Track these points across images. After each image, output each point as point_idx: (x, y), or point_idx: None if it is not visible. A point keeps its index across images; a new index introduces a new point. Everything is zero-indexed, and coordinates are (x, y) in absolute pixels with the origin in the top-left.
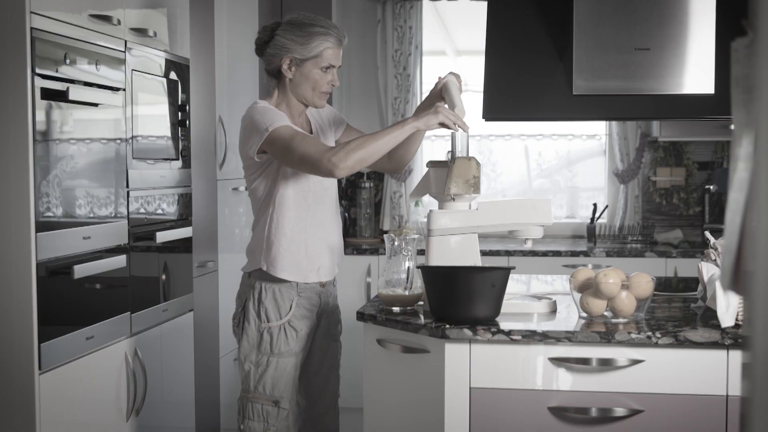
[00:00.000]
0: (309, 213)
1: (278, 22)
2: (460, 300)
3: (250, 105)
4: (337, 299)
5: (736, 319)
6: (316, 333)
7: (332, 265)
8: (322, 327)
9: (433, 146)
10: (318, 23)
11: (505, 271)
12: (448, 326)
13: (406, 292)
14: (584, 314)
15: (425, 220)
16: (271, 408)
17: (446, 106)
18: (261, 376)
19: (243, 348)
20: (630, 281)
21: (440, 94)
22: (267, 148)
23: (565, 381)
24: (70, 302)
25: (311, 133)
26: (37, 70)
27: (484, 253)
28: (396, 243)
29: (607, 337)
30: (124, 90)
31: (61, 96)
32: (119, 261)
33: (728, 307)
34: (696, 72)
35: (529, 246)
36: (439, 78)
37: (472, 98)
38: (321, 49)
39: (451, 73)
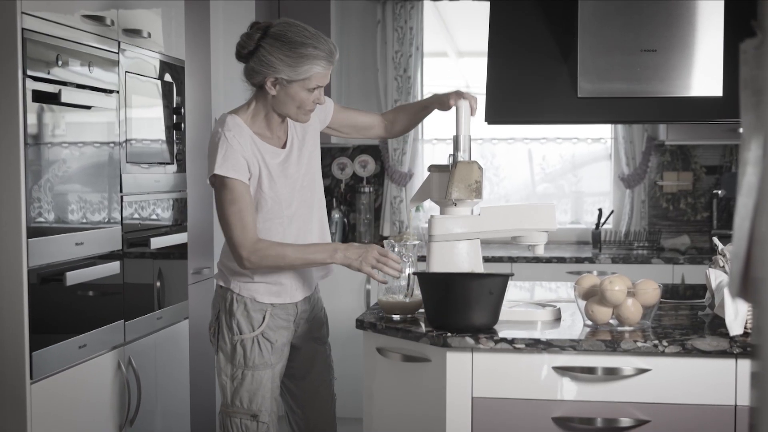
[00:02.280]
0: (287, 233)
1: (264, 30)
2: (457, 307)
3: (224, 114)
4: (321, 301)
5: (745, 327)
6: (297, 338)
7: (318, 276)
8: (302, 331)
9: (435, 150)
10: (308, 41)
11: (503, 278)
12: (449, 334)
13: (407, 299)
14: (589, 322)
15: (426, 225)
16: (249, 422)
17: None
18: (237, 390)
19: (219, 361)
20: (636, 288)
21: (448, 103)
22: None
23: (570, 390)
24: (63, 310)
25: (284, 145)
26: (29, 72)
27: (486, 260)
28: (396, 249)
29: (613, 345)
30: (118, 92)
31: (53, 98)
32: (113, 267)
33: (737, 315)
34: (704, 74)
35: (541, 251)
36: (455, 96)
37: None
38: (311, 74)
39: (465, 97)
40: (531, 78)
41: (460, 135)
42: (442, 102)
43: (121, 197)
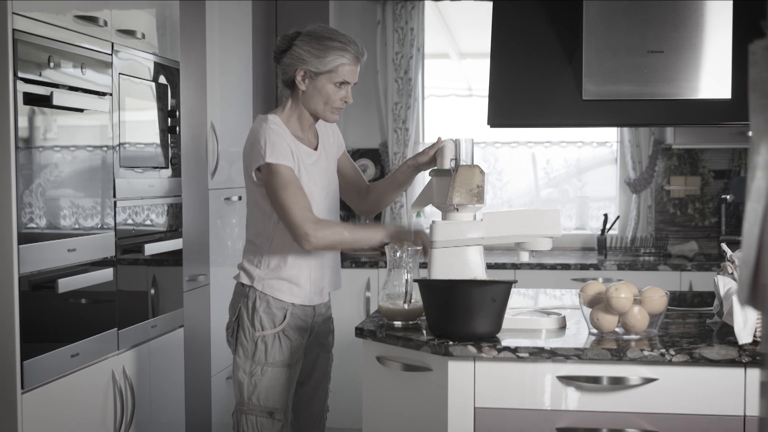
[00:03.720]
0: None
1: (298, 32)
2: (459, 315)
3: (262, 115)
4: (330, 309)
5: (754, 336)
6: (307, 343)
7: (334, 283)
8: (312, 336)
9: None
10: (337, 38)
11: (506, 285)
12: (451, 343)
13: (406, 306)
14: (594, 330)
15: (428, 231)
16: (265, 420)
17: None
18: (255, 387)
19: (238, 358)
20: (642, 296)
21: (434, 155)
22: (261, 175)
23: (575, 400)
24: (54, 318)
25: (315, 149)
26: (20, 74)
27: (489, 266)
28: (398, 255)
29: (619, 354)
30: (111, 95)
31: (44, 101)
32: (106, 274)
33: (746, 323)
34: (712, 76)
35: (525, 259)
36: (439, 139)
37: (477, 104)
38: (336, 65)
39: (451, 140)
40: (535, 80)
41: (461, 141)
42: (422, 152)
43: (115, 202)
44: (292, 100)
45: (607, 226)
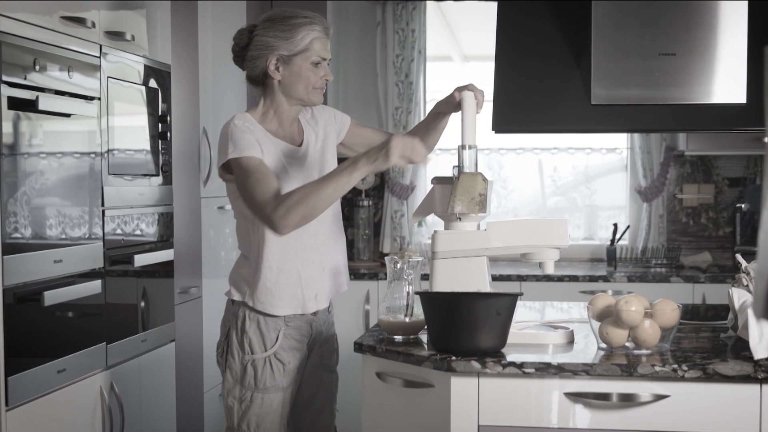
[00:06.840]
0: (300, 237)
1: (254, 24)
2: (462, 329)
3: (230, 117)
4: (334, 326)
5: None
6: (307, 364)
7: (332, 289)
8: (313, 357)
9: (438, 160)
10: (299, 14)
11: (512, 298)
12: (454, 358)
13: (407, 319)
14: (603, 345)
15: (429, 241)
16: None
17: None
18: (245, 413)
19: (226, 381)
20: (654, 309)
21: (455, 105)
22: (231, 177)
23: (583, 418)
24: (40, 332)
25: (300, 145)
26: (4, 78)
27: (494, 278)
28: (399, 266)
29: (629, 370)
30: (99, 99)
31: (29, 105)
32: (94, 287)
33: (762, 338)
34: (726, 79)
35: (551, 270)
36: (457, 90)
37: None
38: (308, 41)
39: (470, 88)
40: (541, 84)
41: (466, 126)
42: (447, 102)
43: (103, 211)
44: (265, 96)
45: (617, 236)
